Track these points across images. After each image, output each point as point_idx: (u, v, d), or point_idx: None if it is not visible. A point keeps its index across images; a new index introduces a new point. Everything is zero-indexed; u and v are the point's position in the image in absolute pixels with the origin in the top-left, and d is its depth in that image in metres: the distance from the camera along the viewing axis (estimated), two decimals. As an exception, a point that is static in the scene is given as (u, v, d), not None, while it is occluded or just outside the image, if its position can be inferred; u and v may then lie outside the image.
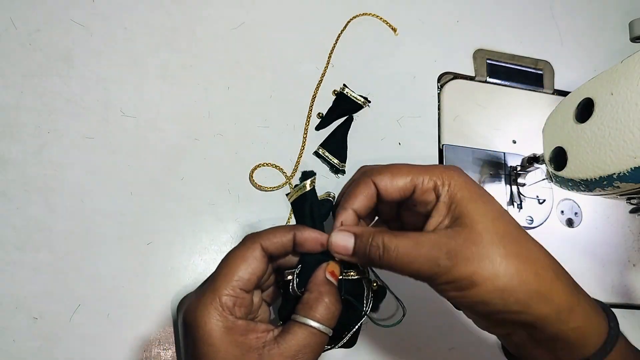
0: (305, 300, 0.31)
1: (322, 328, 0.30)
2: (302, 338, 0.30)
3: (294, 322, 0.31)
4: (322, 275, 0.32)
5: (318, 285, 0.32)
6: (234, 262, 0.31)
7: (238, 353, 0.29)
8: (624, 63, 0.36)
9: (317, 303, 0.31)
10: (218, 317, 0.30)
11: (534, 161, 0.49)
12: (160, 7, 0.50)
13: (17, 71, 0.45)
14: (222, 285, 0.31)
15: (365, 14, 0.56)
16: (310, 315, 0.30)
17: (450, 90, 0.55)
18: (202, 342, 0.29)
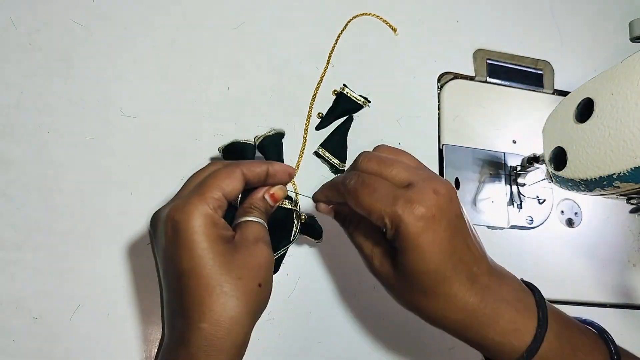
0: (242, 207, 0.39)
1: (260, 220, 0.38)
2: (251, 227, 0.37)
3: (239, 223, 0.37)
4: (260, 193, 0.39)
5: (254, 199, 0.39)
6: (220, 175, 0.36)
7: (221, 241, 0.34)
8: (624, 63, 0.36)
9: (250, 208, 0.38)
10: (204, 212, 0.33)
11: (534, 161, 0.49)
12: (160, 7, 0.50)
13: (17, 71, 0.45)
14: (209, 190, 0.35)
15: (365, 14, 0.56)
16: (249, 214, 0.38)
17: (450, 90, 0.55)
18: (190, 231, 0.33)
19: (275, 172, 0.39)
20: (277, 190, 0.40)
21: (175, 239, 0.33)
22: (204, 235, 0.33)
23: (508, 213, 0.52)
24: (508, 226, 0.52)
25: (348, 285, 0.46)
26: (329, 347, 0.44)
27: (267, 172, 0.39)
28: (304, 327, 0.45)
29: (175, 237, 0.33)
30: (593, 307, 0.51)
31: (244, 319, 0.33)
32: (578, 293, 0.51)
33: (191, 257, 0.32)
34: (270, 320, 0.44)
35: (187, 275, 0.32)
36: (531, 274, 0.50)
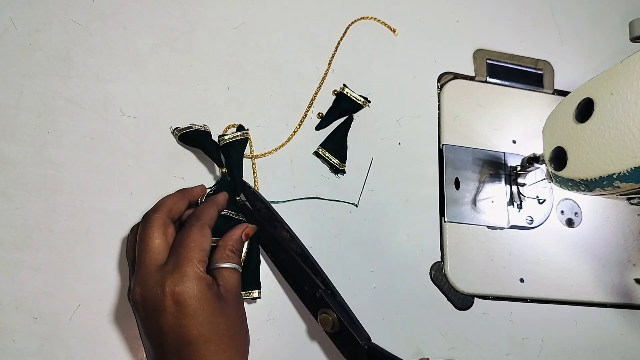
0: (222, 250, 0.40)
1: (238, 267, 0.40)
2: (231, 277, 0.39)
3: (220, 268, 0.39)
4: (239, 234, 0.41)
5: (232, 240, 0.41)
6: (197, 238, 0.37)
7: (216, 302, 0.36)
8: (624, 63, 0.36)
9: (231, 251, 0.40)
10: (201, 278, 0.36)
11: (534, 161, 0.49)
12: (160, 7, 0.50)
13: (17, 71, 0.45)
14: (195, 255, 0.36)
15: (364, 17, 0.55)
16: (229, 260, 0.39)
17: (450, 90, 0.55)
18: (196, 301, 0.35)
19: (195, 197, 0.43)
20: (250, 230, 0.42)
21: (180, 312, 0.34)
22: (205, 301, 0.35)
23: (508, 213, 0.52)
24: (508, 226, 0.52)
25: (348, 285, 0.46)
26: (329, 347, 0.44)
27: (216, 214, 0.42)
28: (304, 327, 0.45)
29: (180, 309, 0.34)
30: (593, 307, 0.51)
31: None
32: (578, 293, 0.51)
33: (198, 326, 0.34)
34: (270, 320, 0.44)
35: (195, 344, 0.34)
36: (530, 273, 0.51)
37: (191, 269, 0.35)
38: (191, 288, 0.35)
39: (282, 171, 0.48)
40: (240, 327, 0.37)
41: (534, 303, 0.50)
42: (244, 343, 0.37)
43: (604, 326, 0.51)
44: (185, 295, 0.34)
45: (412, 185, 0.51)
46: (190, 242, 0.37)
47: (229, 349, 0.35)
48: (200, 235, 0.38)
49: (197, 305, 0.35)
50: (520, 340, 0.48)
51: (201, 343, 0.34)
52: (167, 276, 0.35)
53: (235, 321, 0.37)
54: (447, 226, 0.50)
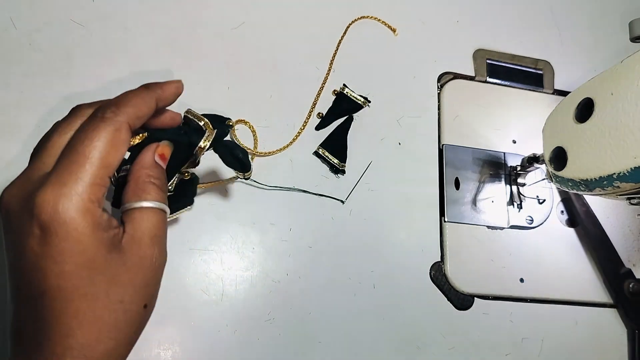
0: (134, 184, 0.29)
1: (160, 206, 0.29)
2: (147, 222, 0.28)
3: (129, 210, 0.28)
4: (150, 158, 0.30)
5: (143, 169, 0.30)
6: (104, 146, 0.26)
7: (104, 251, 0.26)
8: (624, 63, 0.36)
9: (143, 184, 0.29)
10: (86, 210, 0.25)
11: (534, 161, 0.49)
12: (160, 7, 0.50)
13: (17, 71, 0.45)
14: (90, 172, 0.25)
15: (364, 17, 0.55)
16: (144, 197, 0.29)
17: (450, 90, 0.55)
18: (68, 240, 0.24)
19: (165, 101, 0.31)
20: (165, 148, 0.31)
21: (43, 245, 0.24)
22: (84, 244, 0.25)
23: (508, 213, 0.52)
24: (508, 226, 0.52)
25: (348, 285, 0.46)
26: (329, 347, 0.44)
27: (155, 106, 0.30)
28: (304, 327, 0.45)
29: (43, 244, 0.24)
30: (593, 307, 0.51)
31: (120, 349, 0.27)
32: (578, 293, 0.51)
33: (63, 273, 0.24)
34: (270, 320, 0.44)
35: (50, 296, 0.24)
36: (530, 273, 0.51)
37: (75, 193, 0.25)
38: (67, 221, 0.24)
39: (282, 171, 0.48)
40: (137, 297, 0.27)
41: (534, 303, 0.50)
42: (135, 316, 0.27)
43: (604, 326, 0.51)
44: (56, 228, 0.24)
45: (412, 185, 0.51)
46: (90, 147, 0.25)
47: (102, 322, 0.25)
48: (110, 143, 0.26)
49: (69, 247, 0.24)
50: (520, 340, 0.48)
51: (59, 298, 0.24)
52: (43, 190, 0.24)
53: (129, 288, 0.26)
54: (447, 226, 0.50)
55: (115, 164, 0.27)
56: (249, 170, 0.38)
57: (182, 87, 0.32)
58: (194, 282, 0.43)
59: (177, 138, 0.33)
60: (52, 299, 0.25)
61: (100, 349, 0.25)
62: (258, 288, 0.45)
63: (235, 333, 0.43)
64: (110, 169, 0.26)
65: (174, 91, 0.31)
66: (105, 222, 0.26)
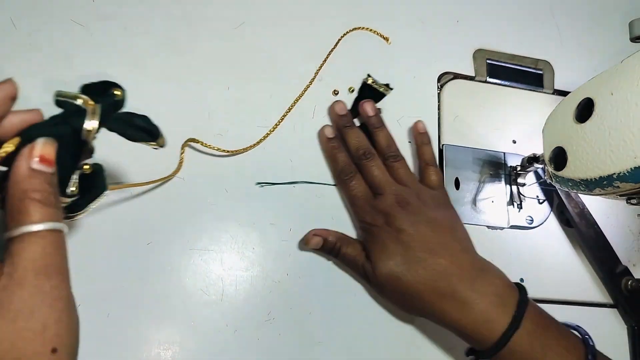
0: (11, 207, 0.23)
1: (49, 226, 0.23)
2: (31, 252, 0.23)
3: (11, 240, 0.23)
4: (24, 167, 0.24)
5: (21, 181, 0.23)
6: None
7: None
8: (624, 63, 0.36)
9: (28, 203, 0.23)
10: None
11: (534, 161, 0.49)
12: (160, 7, 0.50)
13: (17, 71, 0.45)
14: None
15: (357, 28, 0.55)
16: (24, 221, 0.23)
17: (450, 90, 0.55)
18: None
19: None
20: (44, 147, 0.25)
21: None
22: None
23: (508, 213, 0.52)
24: (508, 226, 0.52)
25: (348, 285, 0.46)
26: (329, 347, 0.44)
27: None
28: (304, 327, 0.45)
29: None
30: (593, 307, 0.51)
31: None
32: (578, 293, 0.51)
33: None
34: (270, 320, 0.44)
35: None
36: (531, 274, 0.51)
37: None
38: None
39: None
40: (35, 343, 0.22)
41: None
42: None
43: (604, 326, 0.51)
44: None
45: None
46: None
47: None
48: None
49: None
50: (520, 340, 0.48)
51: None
52: None
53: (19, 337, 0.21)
54: (447, 226, 0.50)
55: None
56: (160, 136, 0.32)
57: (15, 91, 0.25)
58: (194, 282, 0.43)
59: (56, 130, 0.27)
60: None
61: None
62: (258, 288, 0.45)
63: (235, 333, 0.43)
64: None
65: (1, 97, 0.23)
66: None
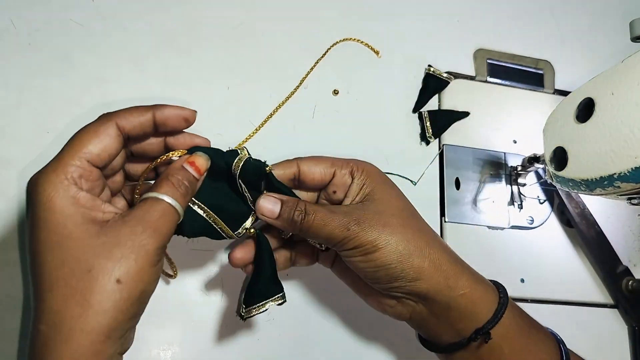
0: (160, 179, 0.31)
1: (167, 198, 0.30)
2: (145, 208, 0.29)
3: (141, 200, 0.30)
4: (178, 163, 0.32)
5: (170, 169, 0.32)
6: (85, 136, 0.30)
7: (79, 221, 0.28)
8: (625, 63, 0.36)
9: (164, 181, 0.31)
10: (60, 184, 0.28)
11: (535, 161, 0.49)
12: (160, 7, 0.50)
13: (17, 71, 0.45)
14: (68, 156, 0.29)
15: (347, 39, 0.55)
16: (155, 190, 0.30)
17: (451, 90, 0.55)
18: (43, 210, 0.27)
19: (166, 119, 0.32)
20: (196, 157, 0.33)
21: (30, 215, 0.28)
22: (57, 215, 0.27)
23: (508, 213, 0.52)
24: (508, 226, 0.51)
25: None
26: (329, 348, 0.44)
27: (153, 120, 0.32)
28: (304, 327, 0.45)
29: (30, 213, 0.28)
30: (593, 307, 0.51)
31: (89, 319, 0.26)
32: (578, 293, 0.51)
33: (38, 239, 0.27)
34: (270, 320, 0.44)
35: (32, 261, 0.28)
36: (531, 274, 0.51)
37: (53, 171, 0.28)
38: (45, 193, 0.27)
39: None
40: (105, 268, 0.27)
41: (534, 303, 0.50)
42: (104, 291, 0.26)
43: (604, 326, 0.51)
44: (37, 199, 0.28)
45: (412, 185, 0.51)
46: (74, 139, 0.30)
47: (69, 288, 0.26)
48: (92, 133, 0.30)
49: (44, 216, 0.27)
50: (521, 341, 0.48)
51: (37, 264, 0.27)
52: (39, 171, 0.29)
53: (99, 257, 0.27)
54: (447, 226, 0.50)
55: (96, 150, 0.30)
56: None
57: (192, 116, 0.34)
58: (194, 282, 0.43)
59: (213, 155, 0.34)
60: (33, 265, 0.27)
61: (67, 314, 0.26)
62: (258, 288, 0.45)
63: (235, 333, 0.43)
64: (90, 155, 0.29)
65: (176, 113, 0.33)
66: (87, 200, 0.28)
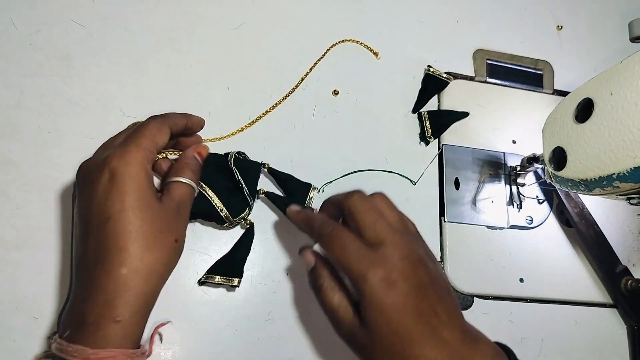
0: (175, 166, 0.40)
1: (189, 182, 0.39)
2: (178, 190, 0.38)
3: (170, 182, 0.39)
4: (190, 152, 0.42)
5: (186, 157, 0.41)
6: (153, 129, 0.38)
7: (151, 193, 0.35)
8: (624, 63, 0.36)
9: (183, 167, 0.40)
10: (143, 161, 0.35)
11: (534, 161, 0.49)
12: (160, 7, 0.50)
13: (17, 71, 0.45)
14: (144, 141, 0.36)
15: (345, 40, 0.56)
16: (180, 174, 0.39)
17: (450, 90, 0.55)
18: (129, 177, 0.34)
19: (193, 124, 0.43)
20: (203, 149, 0.43)
21: (111, 184, 0.34)
22: (139, 185, 0.35)
23: (508, 213, 0.52)
24: (508, 226, 0.52)
25: (348, 285, 0.46)
26: (329, 347, 0.44)
27: (186, 124, 0.42)
28: (304, 327, 0.45)
29: (111, 183, 0.34)
30: (593, 307, 0.51)
31: (161, 269, 0.35)
32: (578, 293, 0.51)
33: (122, 201, 0.34)
34: (270, 320, 0.44)
35: (114, 219, 0.33)
36: (530, 273, 0.51)
37: (136, 150, 0.35)
38: (130, 167, 0.34)
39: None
40: (168, 231, 0.36)
41: (534, 303, 0.50)
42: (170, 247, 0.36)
43: (603, 326, 0.51)
44: (121, 171, 0.34)
45: (412, 185, 0.51)
46: (145, 130, 0.37)
47: (151, 243, 0.34)
48: (157, 129, 0.38)
49: (129, 185, 0.34)
50: (520, 340, 0.48)
51: (120, 221, 0.33)
52: (111, 150, 0.36)
53: (165, 224, 0.35)
54: (446, 226, 0.50)
55: (161, 143, 0.38)
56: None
57: (204, 123, 0.45)
58: (194, 282, 0.43)
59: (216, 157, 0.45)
60: (114, 221, 0.33)
61: (145, 259, 0.34)
62: (258, 288, 0.45)
63: (235, 333, 0.43)
64: (158, 145, 0.38)
65: (199, 121, 0.44)
66: (152, 177, 0.37)
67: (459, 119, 0.53)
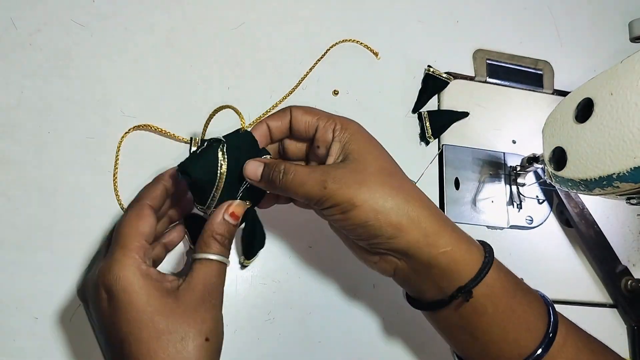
0: (200, 238, 0.35)
1: (219, 258, 0.35)
2: (204, 271, 0.34)
3: (193, 260, 0.34)
4: (219, 217, 0.35)
5: (212, 224, 0.35)
6: (131, 223, 0.35)
7: (158, 295, 0.32)
8: (624, 63, 0.36)
9: (208, 238, 0.35)
10: (133, 266, 0.32)
11: (534, 161, 0.49)
12: (160, 7, 0.50)
13: (17, 71, 0.45)
14: (128, 240, 0.33)
15: (346, 39, 0.56)
16: (205, 250, 0.34)
17: (450, 90, 0.55)
18: (125, 292, 0.31)
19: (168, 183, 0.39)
20: (236, 207, 0.36)
21: (110, 305, 0.32)
22: (139, 295, 0.32)
23: (508, 213, 0.52)
24: (508, 226, 0.52)
25: (348, 285, 0.46)
26: (329, 347, 0.44)
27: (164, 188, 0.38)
28: (304, 327, 0.45)
29: (111, 302, 0.32)
30: (593, 307, 0.51)
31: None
32: (578, 293, 0.51)
33: (128, 320, 0.31)
34: (270, 320, 0.44)
35: (127, 341, 0.31)
36: (531, 274, 0.50)
37: (122, 256, 0.32)
38: (120, 278, 0.32)
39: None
40: (193, 331, 0.32)
41: (534, 303, 0.50)
42: (200, 349, 0.32)
43: (604, 326, 0.51)
44: (114, 286, 0.32)
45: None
46: (124, 227, 0.34)
47: (169, 356, 0.31)
48: (136, 218, 0.35)
49: (127, 299, 0.31)
50: (520, 340, 0.48)
51: (132, 343, 0.31)
52: (101, 265, 0.33)
53: (184, 324, 0.32)
54: (447, 226, 0.50)
55: (147, 230, 0.35)
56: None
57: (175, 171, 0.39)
58: (194, 282, 0.43)
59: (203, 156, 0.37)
60: (128, 344, 0.31)
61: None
62: (258, 288, 0.45)
63: (235, 333, 0.43)
64: (144, 235, 0.34)
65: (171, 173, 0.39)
66: (155, 274, 0.33)
67: (459, 119, 0.53)
